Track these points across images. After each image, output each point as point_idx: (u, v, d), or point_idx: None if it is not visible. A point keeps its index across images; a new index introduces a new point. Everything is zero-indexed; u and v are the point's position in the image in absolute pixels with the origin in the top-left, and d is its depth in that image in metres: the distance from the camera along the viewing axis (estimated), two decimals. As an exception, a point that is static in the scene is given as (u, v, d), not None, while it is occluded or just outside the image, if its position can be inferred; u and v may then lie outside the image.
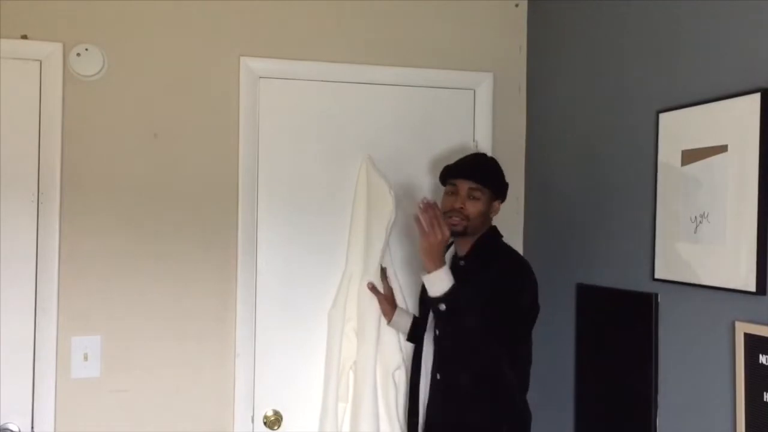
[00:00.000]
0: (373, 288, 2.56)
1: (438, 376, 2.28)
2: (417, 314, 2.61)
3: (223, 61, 2.59)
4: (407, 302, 2.69)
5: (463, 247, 2.33)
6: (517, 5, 2.87)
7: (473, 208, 2.26)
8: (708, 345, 1.88)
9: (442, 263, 2.12)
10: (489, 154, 2.72)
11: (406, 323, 2.58)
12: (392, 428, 2.56)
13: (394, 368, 2.58)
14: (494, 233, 2.35)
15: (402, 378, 2.60)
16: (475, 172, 2.30)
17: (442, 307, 2.08)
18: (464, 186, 2.28)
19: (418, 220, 2.13)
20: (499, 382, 2.20)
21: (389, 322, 2.57)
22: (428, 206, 2.12)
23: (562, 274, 2.51)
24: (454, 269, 2.28)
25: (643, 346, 2.10)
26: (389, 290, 2.61)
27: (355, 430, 2.55)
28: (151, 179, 2.53)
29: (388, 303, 2.58)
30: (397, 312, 2.58)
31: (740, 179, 1.77)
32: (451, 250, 2.39)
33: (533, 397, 2.31)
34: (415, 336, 2.55)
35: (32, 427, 2.41)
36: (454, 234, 2.28)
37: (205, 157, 2.58)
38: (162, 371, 2.53)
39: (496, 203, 2.32)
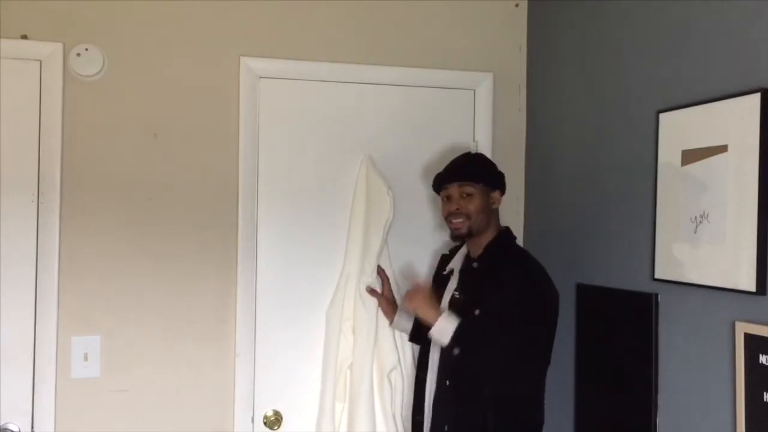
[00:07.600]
0: (372, 291, 2.56)
1: (447, 383, 2.24)
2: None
3: (223, 61, 2.59)
4: (407, 302, 2.69)
5: (476, 248, 2.31)
6: (517, 5, 2.87)
7: (470, 205, 2.27)
8: (708, 345, 1.88)
9: (439, 311, 2.19)
10: (489, 153, 2.73)
11: (408, 324, 2.57)
12: (388, 428, 2.56)
13: (390, 368, 2.58)
14: (507, 234, 2.34)
15: (398, 378, 2.60)
16: (460, 172, 2.32)
17: (456, 351, 2.13)
18: (455, 188, 2.30)
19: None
20: (519, 396, 2.19)
21: (391, 323, 2.57)
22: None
23: (562, 274, 2.50)
24: (467, 271, 2.29)
25: (643, 346, 2.10)
26: (389, 291, 2.61)
27: (352, 431, 2.55)
28: (151, 179, 2.53)
29: (388, 304, 2.59)
30: (398, 313, 2.57)
31: (740, 179, 1.77)
32: (463, 249, 2.39)
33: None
34: (417, 336, 2.55)
35: (32, 427, 2.41)
36: (460, 237, 2.30)
37: (205, 157, 2.58)
38: (162, 371, 2.53)
39: (494, 194, 2.32)
